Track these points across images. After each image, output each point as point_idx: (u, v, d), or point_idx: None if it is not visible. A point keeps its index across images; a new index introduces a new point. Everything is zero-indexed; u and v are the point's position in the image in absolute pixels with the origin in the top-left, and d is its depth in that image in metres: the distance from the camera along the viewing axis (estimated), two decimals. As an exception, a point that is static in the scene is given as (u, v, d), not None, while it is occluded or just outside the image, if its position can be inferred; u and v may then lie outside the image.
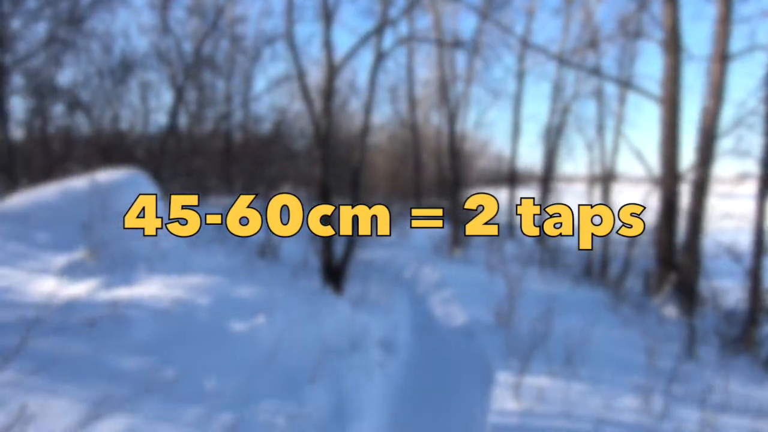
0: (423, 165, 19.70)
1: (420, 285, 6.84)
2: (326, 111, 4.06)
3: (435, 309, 5.61)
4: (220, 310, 3.27)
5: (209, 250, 5.45)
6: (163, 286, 3.40)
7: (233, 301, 3.43)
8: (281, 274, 5.25)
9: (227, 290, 3.55)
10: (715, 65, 7.63)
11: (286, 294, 3.79)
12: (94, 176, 4.18)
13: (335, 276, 4.24)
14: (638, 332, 5.55)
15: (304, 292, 4.04)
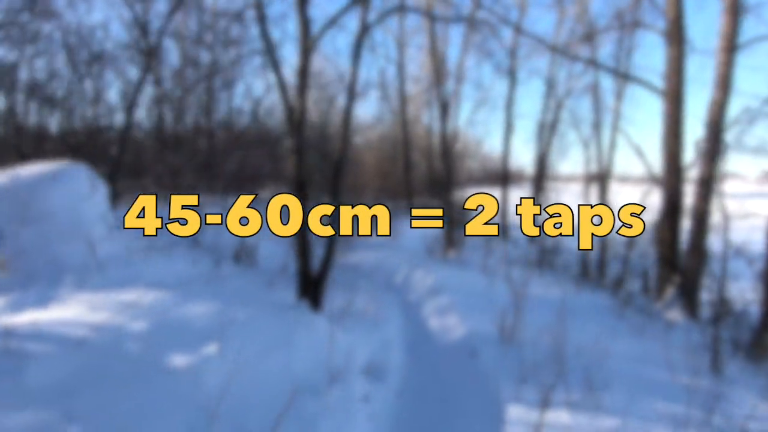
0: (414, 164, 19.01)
1: (412, 291, 6.10)
2: (300, 92, 3.30)
3: (430, 320, 4.88)
4: (158, 337, 2.48)
5: (172, 255, 4.64)
6: (87, 306, 2.60)
7: (178, 325, 2.64)
8: (253, 283, 4.46)
9: (173, 310, 2.76)
10: (723, 56, 7.05)
11: (250, 312, 3.01)
12: (16, 171, 3.34)
13: (313, 287, 3.47)
14: (652, 342, 4.90)
15: (273, 308, 3.27)
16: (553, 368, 3.34)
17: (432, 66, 10.32)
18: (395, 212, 14.33)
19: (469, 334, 4.30)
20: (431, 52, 9.48)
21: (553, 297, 6.05)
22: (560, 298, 6.18)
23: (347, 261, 7.16)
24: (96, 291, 2.84)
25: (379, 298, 4.96)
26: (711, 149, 7.10)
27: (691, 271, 7.24)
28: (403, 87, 17.08)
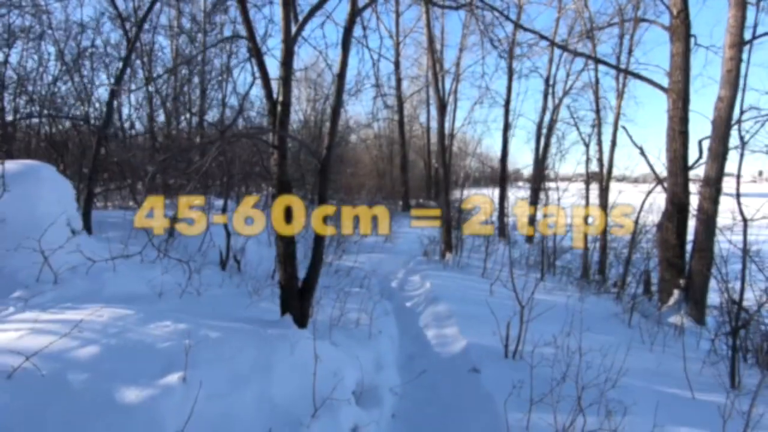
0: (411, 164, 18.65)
1: (409, 298, 5.73)
2: (284, 82, 2.91)
3: (427, 331, 4.51)
4: (110, 365, 2.09)
5: (148, 262, 4.23)
6: (29, 328, 2.21)
7: (137, 350, 2.25)
8: (235, 293, 4.08)
9: (132, 331, 2.37)
10: (730, 51, 6.71)
11: (225, 331, 2.62)
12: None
13: (298, 300, 3.08)
14: (664, 354, 4.57)
15: (252, 325, 2.88)
16: (564, 388, 2.98)
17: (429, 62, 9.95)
18: (392, 212, 13.96)
19: (469, 347, 3.93)
20: (429, 48, 9.11)
21: (556, 303, 5.69)
22: (564, 304, 5.84)
23: (341, 264, 6.78)
24: (45, 309, 2.44)
25: (372, 306, 4.58)
26: (717, 148, 6.77)
27: (698, 274, 6.91)
28: (400, 85, 16.72)
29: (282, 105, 3.01)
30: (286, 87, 3.02)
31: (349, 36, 3.14)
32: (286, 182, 3.02)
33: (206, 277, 4.75)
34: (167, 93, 11.14)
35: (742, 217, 4.07)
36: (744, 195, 6.96)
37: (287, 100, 3.02)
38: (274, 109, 3.05)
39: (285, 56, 3.03)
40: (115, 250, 3.72)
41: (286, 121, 3.02)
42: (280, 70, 3.04)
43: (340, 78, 3.12)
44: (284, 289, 3.07)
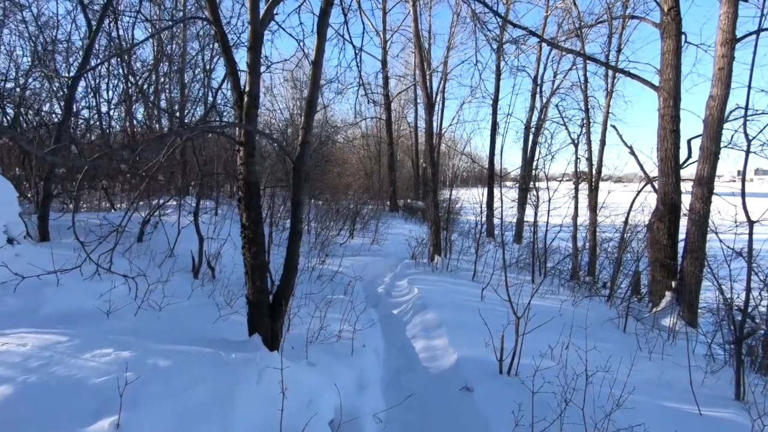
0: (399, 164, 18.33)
1: (396, 305, 5.37)
2: (252, 70, 2.52)
3: (415, 343, 4.15)
4: (24, 411, 1.68)
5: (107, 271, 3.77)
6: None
7: (64, 388, 1.83)
8: (203, 305, 3.66)
9: (63, 362, 1.95)
10: (722, 49, 6.54)
11: (179, 358, 2.22)
12: None
13: (269, 316, 2.69)
14: (663, 362, 4.32)
15: (215, 347, 2.48)
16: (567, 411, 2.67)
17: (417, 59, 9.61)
18: (379, 213, 13.59)
19: (461, 362, 3.59)
20: (416, 44, 8.77)
21: (550, 309, 5.42)
22: (558, 309, 5.58)
23: (324, 269, 6.39)
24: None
25: (357, 315, 4.21)
26: (710, 147, 6.60)
27: (690, 275, 6.73)
28: (387, 84, 16.36)
29: (249, 96, 2.62)
30: (254, 76, 2.63)
31: (324, 21, 2.77)
32: (254, 184, 2.62)
33: (174, 286, 4.31)
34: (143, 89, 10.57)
35: (747, 218, 3.82)
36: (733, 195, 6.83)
37: (255, 91, 2.63)
38: (241, 101, 2.65)
39: (252, 40, 2.64)
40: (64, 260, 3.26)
41: (253, 114, 2.62)
42: (246, 56, 2.65)
43: (315, 66, 2.74)
44: (252, 305, 2.67)
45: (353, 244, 9.35)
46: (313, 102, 2.74)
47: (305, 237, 8.71)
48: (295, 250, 2.76)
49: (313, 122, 2.81)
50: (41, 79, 8.89)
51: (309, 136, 2.75)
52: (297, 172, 2.73)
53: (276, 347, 2.64)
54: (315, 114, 2.78)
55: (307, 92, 2.78)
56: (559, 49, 9.43)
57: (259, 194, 2.65)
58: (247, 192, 2.62)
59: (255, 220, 2.63)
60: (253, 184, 2.61)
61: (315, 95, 2.74)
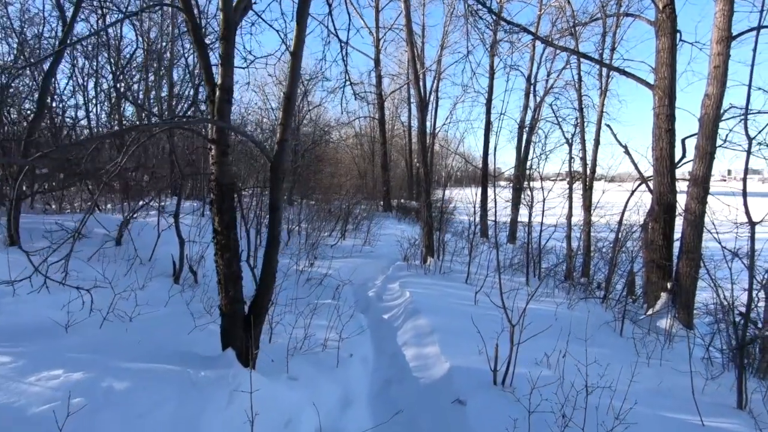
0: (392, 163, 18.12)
1: (386, 309, 5.16)
2: (224, 61, 2.29)
3: (406, 350, 3.95)
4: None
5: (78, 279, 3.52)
6: None
7: None
8: (179, 314, 3.41)
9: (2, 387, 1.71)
10: (717, 47, 6.42)
11: (141, 378, 1.99)
12: None
13: (243, 329, 2.46)
14: (662, 368, 4.16)
15: (182, 365, 2.25)
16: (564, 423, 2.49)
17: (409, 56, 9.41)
18: (372, 213, 13.38)
19: (453, 371, 3.39)
20: (408, 41, 8.56)
21: (545, 313, 5.26)
22: (553, 313, 5.41)
23: (314, 271, 6.16)
24: None
25: (345, 321, 4.00)
26: (705, 147, 6.48)
27: (686, 276, 6.60)
28: (380, 83, 16.15)
29: (221, 89, 2.39)
30: (227, 67, 2.40)
31: (304, 8, 2.55)
32: (227, 185, 2.39)
33: (152, 292, 4.06)
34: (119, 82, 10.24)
35: (749, 219, 3.67)
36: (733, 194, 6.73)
37: (228, 84, 2.40)
38: (213, 95, 2.42)
39: (224, 28, 2.41)
40: (24, 267, 3.00)
41: (226, 109, 2.40)
42: (219, 45, 2.42)
43: (294, 57, 2.52)
44: (226, 317, 2.44)
45: (344, 245, 9.12)
46: (292, 96, 2.51)
47: (294, 238, 8.47)
48: (273, 257, 2.54)
49: (292, 118, 2.59)
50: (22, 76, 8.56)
51: (288, 133, 2.53)
52: (275, 173, 2.50)
53: (252, 363, 2.41)
54: (294, 109, 2.56)
55: (285, 86, 2.55)
56: (552, 47, 9.27)
57: (232, 196, 2.43)
58: (220, 194, 2.39)
59: (228, 225, 2.40)
60: (226, 185, 2.38)
61: (294, 89, 2.52)
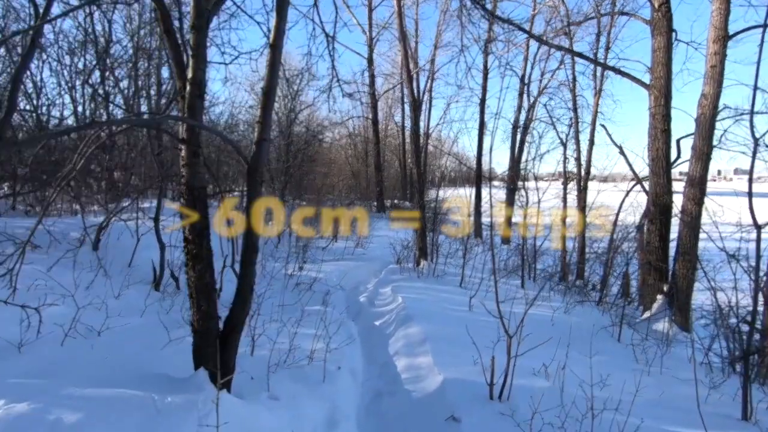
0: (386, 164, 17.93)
1: (379, 316, 4.94)
2: (195, 53, 2.06)
3: (398, 360, 3.73)
4: None
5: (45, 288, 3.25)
6: None
7: None
8: (158, 326, 3.16)
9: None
10: (714, 46, 6.29)
11: (97, 406, 1.75)
12: None
13: (218, 347, 2.23)
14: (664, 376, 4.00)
15: (149, 386, 2.01)
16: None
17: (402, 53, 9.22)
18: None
19: (447, 384, 3.19)
20: (401, 39, 8.36)
21: (542, 318, 5.08)
22: (550, 318, 5.24)
23: (304, 275, 5.92)
24: None
25: (335, 329, 3.77)
26: (702, 147, 6.35)
27: (683, 279, 6.47)
28: (373, 83, 15.94)
29: (191, 84, 2.16)
30: (199, 60, 2.17)
31: (285, -7, 2.32)
32: (199, 188, 2.16)
33: (128, 301, 3.80)
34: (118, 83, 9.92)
35: (754, 222, 3.51)
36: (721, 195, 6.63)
37: (199, 78, 2.16)
38: (183, 90, 2.19)
39: (195, 17, 2.18)
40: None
41: (197, 105, 2.16)
42: (189, 35, 2.18)
43: (273, 50, 2.30)
44: (198, 335, 2.21)
45: (336, 247, 8.89)
46: (271, 92, 2.29)
47: (284, 239, 8.23)
48: (250, 267, 2.31)
49: (271, 115, 2.36)
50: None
51: (267, 132, 2.30)
52: (252, 176, 2.28)
53: (226, 384, 2.18)
54: (273, 105, 2.34)
55: (264, 81, 2.32)
56: (547, 45, 9.12)
57: (205, 201, 2.19)
58: (190, 198, 2.15)
59: (200, 233, 2.17)
60: (198, 189, 2.15)
61: (273, 83, 2.30)
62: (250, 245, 2.28)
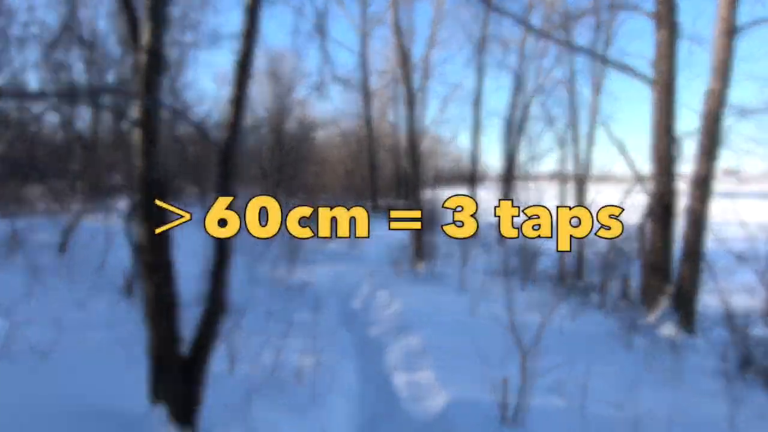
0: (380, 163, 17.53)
1: (373, 323, 4.52)
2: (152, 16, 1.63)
3: (396, 376, 3.32)
4: None
5: None
6: None
7: None
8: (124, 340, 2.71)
9: None
10: (721, 40, 5.99)
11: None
12: None
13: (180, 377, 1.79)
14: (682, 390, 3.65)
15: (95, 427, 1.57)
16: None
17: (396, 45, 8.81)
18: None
19: (452, 405, 2.79)
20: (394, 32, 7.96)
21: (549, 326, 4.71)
22: (558, 326, 4.87)
23: (293, 279, 5.48)
24: None
25: (326, 340, 3.35)
26: (708, 145, 6.05)
27: (687, 280, 6.17)
28: (367, 80, 15.50)
29: (149, 54, 1.72)
30: (155, 23, 1.74)
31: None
32: (155, 183, 1.73)
33: (93, 311, 3.34)
34: None
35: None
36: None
37: (155, 46, 1.73)
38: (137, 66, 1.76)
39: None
40: None
41: (154, 80, 1.73)
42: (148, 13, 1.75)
43: (251, 14, 1.88)
44: (155, 362, 1.78)
45: (329, 248, 8.45)
46: (247, 64, 1.87)
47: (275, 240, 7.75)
48: (220, 279, 1.88)
49: (247, 93, 1.93)
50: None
51: (242, 113, 1.88)
52: (224, 165, 1.85)
53: (189, 420, 1.76)
54: (249, 82, 1.91)
55: (239, 53, 1.89)
56: (545, 38, 8.76)
57: (164, 197, 1.76)
58: (146, 195, 1.72)
59: (159, 240, 1.74)
60: (154, 182, 1.72)
61: (249, 56, 1.88)
62: (220, 251, 1.85)
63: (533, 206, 7.31)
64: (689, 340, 5.63)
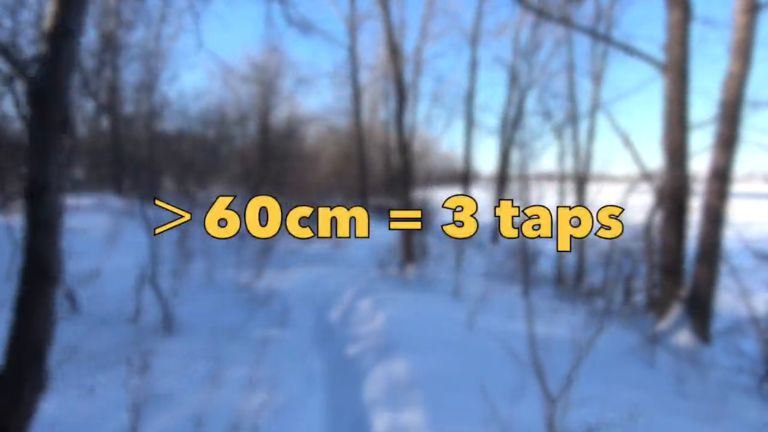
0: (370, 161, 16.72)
1: (353, 340, 3.68)
2: None
3: (374, 416, 2.49)
4: None
5: None
6: None
7: None
8: None
9: None
10: (742, 18, 5.29)
11: None
12: None
13: None
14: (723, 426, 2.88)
15: None
16: None
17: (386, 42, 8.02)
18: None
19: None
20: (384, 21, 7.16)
21: (561, 340, 3.95)
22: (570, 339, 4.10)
23: (266, 285, 4.62)
24: None
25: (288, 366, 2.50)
26: (727, 133, 5.34)
27: (703, 283, 5.44)
28: (357, 76, 14.67)
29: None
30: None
31: None
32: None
33: None
34: None
35: None
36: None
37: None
38: None
39: None
40: None
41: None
42: None
43: None
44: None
45: (311, 250, 7.59)
46: None
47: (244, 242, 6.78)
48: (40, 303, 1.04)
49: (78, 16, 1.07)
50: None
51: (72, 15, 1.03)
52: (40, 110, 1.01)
53: None
54: None
55: None
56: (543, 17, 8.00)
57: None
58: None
59: None
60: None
61: None
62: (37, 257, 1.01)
63: (533, 206, 6.55)
64: (707, 350, 4.92)
